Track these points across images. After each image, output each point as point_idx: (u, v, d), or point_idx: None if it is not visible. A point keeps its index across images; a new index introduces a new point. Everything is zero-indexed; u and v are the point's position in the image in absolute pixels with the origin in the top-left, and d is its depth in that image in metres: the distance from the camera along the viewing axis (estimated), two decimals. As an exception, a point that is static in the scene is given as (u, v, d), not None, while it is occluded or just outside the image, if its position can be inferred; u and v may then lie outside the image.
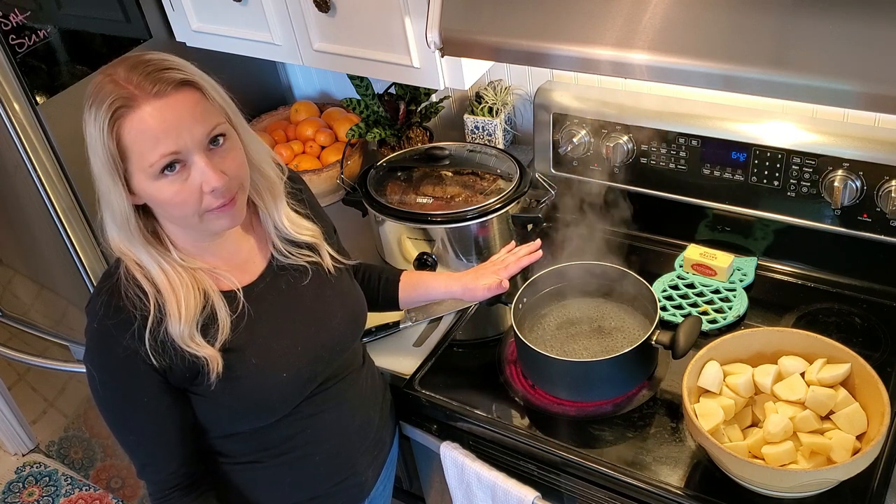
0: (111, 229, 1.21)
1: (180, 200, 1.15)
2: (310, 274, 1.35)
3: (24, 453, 3.06)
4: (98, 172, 1.16)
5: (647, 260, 1.77)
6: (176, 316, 1.19)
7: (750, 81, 1.16)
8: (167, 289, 1.20)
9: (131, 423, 1.26)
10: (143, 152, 1.12)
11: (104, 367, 1.22)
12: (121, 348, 1.19)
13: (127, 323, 1.19)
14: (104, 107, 1.10)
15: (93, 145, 1.14)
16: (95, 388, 1.25)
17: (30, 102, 1.75)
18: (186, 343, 1.20)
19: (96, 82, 1.13)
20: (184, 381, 1.24)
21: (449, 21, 1.38)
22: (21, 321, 2.37)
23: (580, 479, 1.45)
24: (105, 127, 1.11)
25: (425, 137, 2.10)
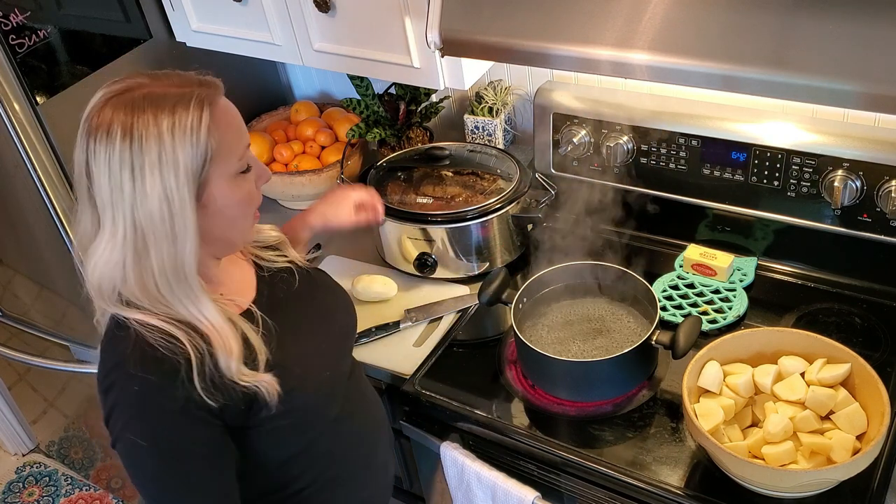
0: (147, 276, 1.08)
1: (252, 198, 1.15)
2: (296, 277, 1.33)
3: (24, 453, 3.06)
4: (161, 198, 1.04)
5: (647, 260, 1.77)
6: (224, 354, 1.11)
7: (750, 81, 1.16)
8: (211, 328, 1.12)
9: (187, 489, 1.13)
10: (231, 148, 1.09)
11: (158, 430, 1.10)
12: (173, 401, 1.08)
13: (173, 371, 1.08)
14: (192, 105, 1.04)
15: (169, 159, 1.03)
16: (142, 463, 1.12)
17: (30, 102, 1.75)
18: (241, 377, 1.13)
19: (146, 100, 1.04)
20: (239, 417, 1.16)
21: (449, 21, 1.38)
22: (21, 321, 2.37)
23: (580, 479, 1.45)
24: (202, 126, 1.04)
25: (425, 137, 2.10)
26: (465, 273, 1.82)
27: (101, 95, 1.08)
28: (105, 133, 1.04)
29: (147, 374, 1.08)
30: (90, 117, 1.06)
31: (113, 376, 1.11)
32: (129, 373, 1.09)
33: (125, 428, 1.11)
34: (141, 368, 1.08)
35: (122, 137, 1.03)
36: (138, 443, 1.10)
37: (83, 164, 1.07)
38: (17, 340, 2.45)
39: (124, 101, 1.05)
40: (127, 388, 1.10)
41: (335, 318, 1.37)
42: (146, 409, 1.10)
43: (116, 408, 1.11)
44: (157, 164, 1.03)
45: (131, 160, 1.03)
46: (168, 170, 1.04)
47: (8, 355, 2.36)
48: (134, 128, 1.03)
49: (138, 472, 1.14)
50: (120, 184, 1.04)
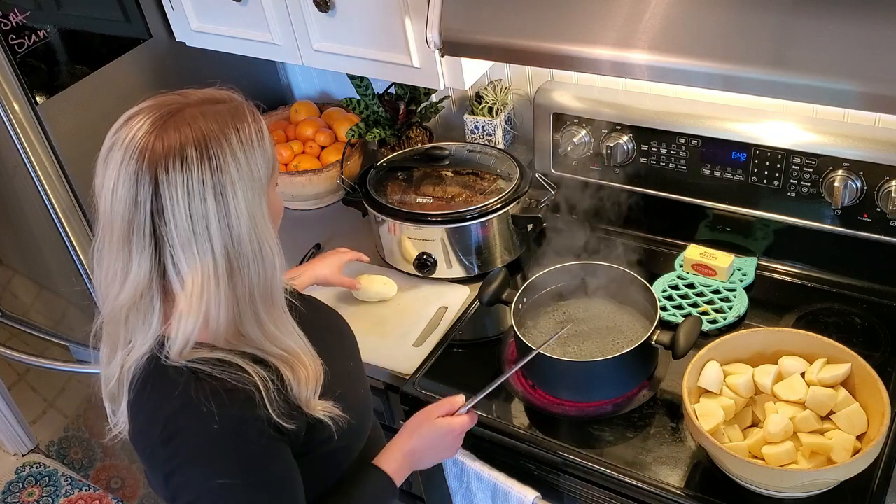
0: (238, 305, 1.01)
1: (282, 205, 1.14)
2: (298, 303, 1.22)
3: (23, 453, 3.06)
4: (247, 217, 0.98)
5: (647, 260, 1.77)
6: (293, 380, 1.07)
7: (750, 81, 1.16)
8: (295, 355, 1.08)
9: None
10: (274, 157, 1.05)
11: (249, 463, 1.02)
12: (258, 431, 1.02)
13: (250, 399, 1.02)
14: (249, 120, 0.99)
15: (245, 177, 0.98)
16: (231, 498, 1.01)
17: (30, 102, 1.75)
18: (313, 407, 1.09)
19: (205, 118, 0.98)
20: (301, 442, 1.11)
21: (449, 21, 1.38)
22: (21, 321, 2.37)
23: (580, 479, 1.45)
24: (263, 138, 1.00)
25: (425, 137, 2.10)
26: (465, 273, 1.82)
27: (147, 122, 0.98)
28: (178, 158, 0.95)
29: (226, 409, 1.00)
30: (149, 146, 0.96)
31: (180, 422, 1.01)
32: (202, 412, 0.99)
33: (210, 474, 1.01)
34: (217, 404, 0.99)
35: (199, 159, 0.95)
36: (228, 485, 1.00)
37: (146, 202, 0.96)
38: (17, 340, 2.45)
39: (184, 121, 0.97)
40: (205, 428, 0.99)
41: (348, 338, 1.36)
42: (235, 445, 1.02)
43: (193, 456, 1.01)
44: (237, 180, 0.97)
45: (213, 182, 0.96)
46: (247, 185, 0.98)
47: (8, 355, 2.36)
48: (208, 146, 0.96)
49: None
50: (203, 211, 0.96)
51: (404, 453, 1.28)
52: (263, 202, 1.01)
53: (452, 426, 1.30)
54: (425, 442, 1.30)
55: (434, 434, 1.30)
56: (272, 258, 1.02)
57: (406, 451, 1.28)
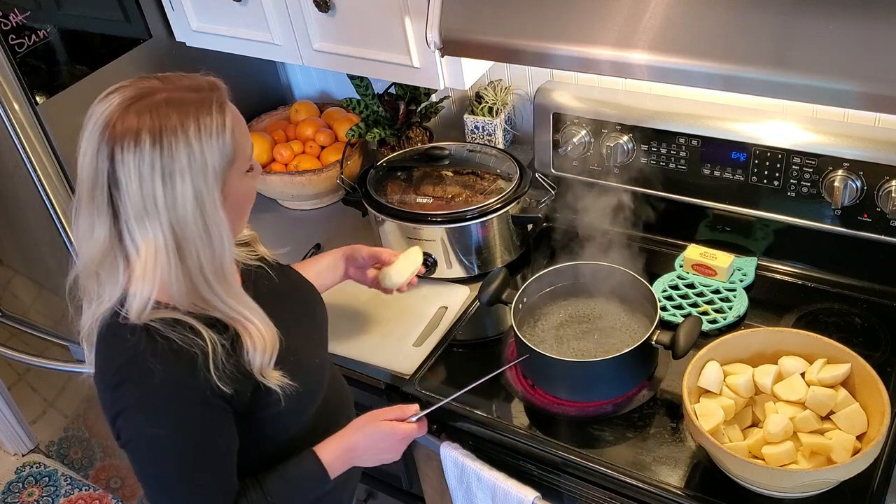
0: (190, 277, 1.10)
1: (254, 193, 1.19)
2: (273, 273, 1.36)
3: (23, 453, 3.06)
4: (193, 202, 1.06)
5: (647, 260, 1.77)
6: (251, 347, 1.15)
7: (750, 81, 1.16)
8: (249, 323, 1.16)
9: (202, 477, 1.16)
10: (244, 146, 1.13)
11: (183, 420, 1.12)
12: (196, 391, 1.11)
13: (192, 361, 1.11)
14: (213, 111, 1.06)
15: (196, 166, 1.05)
16: (162, 458, 1.13)
17: (30, 102, 1.75)
18: (267, 375, 1.17)
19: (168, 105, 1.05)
20: (246, 404, 1.19)
21: (449, 21, 1.38)
22: (21, 321, 2.37)
23: (580, 480, 1.45)
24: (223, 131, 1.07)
25: (425, 137, 2.10)
26: (465, 273, 1.82)
27: (117, 102, 1.06)
28: (132, 141, 1.03)
29: (168, 367, 1.09)
30: (111, 123, 1.05)
31: (127, 371, 1.11)
32: (146, 367, 1.09)
33: (145, 423, 1.11)
34: (161, 361, 1.09)
35: (151, 144, 1.03)
36: (158, 435, 1.11)
37: (104, 172, 1.06)
38: (17, 340, 2.45)
39: (147, 107, 1.04)
40: (146, 382, 1.09)
41: (315, 309, 1.42)
42: (169, 401, 1.11)
43: (133, 404, 1.11)
44: (187, 168, 1.05)
45: (161, 166, 1.04)
46: (198, 174, 1.05)
47: (8, 355, 2.36)
48: (163, 134, 1.03)
49: (154, 467, 1.14)
50: (153, 191, 1.04)
51: (345, 448, 1.32)
52: (215, 190, 1.08)
53: (395, 430, 1.35)
54: (367, 441, 1.34)
55: (376, 435, 1.34)
56: (220, 241, 1.10)
57: (347, 445, 1.33)
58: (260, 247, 1.40)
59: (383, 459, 1.36)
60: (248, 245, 1.38)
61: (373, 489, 2.03)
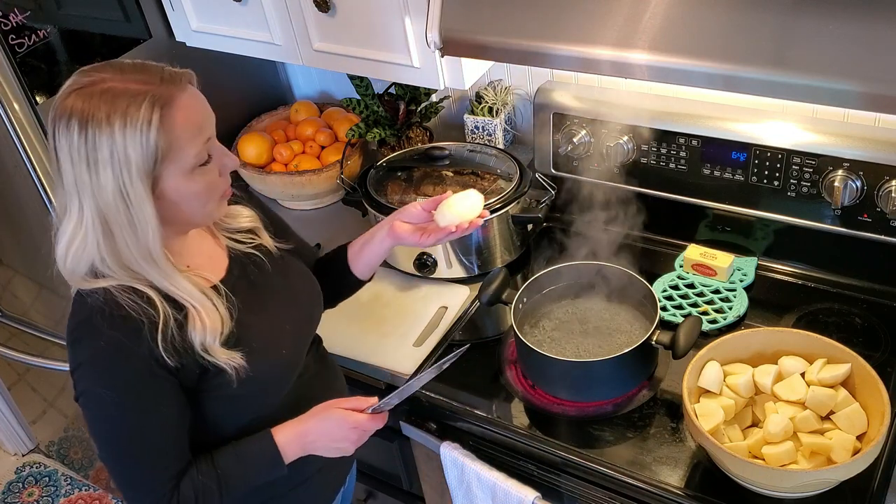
0: (121, 256, 1.15)
1: (213, 187, 1.19)
2: (268, 261, 1.38)
3: (23, 453, 3.06)
4: (118, 187, 1.09)
5: (647, 260, 1.77)
6: (199, 326, 1.18)
7: (750, 81, 1.16)
8: (190, 302, 1.19)
9: (143, 441, 1.21)
10: (185, 145, 1.12)
11: (121, 383, 1.17)
12: (137, 356, 1.16)
13: (136, 329, 1.15)
14: (143, 108, 1.07)
15: (119, 157, 1.08)
16: (104, 415, 1.19)
17: (30, 102, 1.75)
18: (210, 351, 1.20)
19: (101, 95, 1.08)
20: (194, 380, 1.23)
21: (449, 21, 1.38)
22: (21, 321, 2.37)
23: (580, 480, 1.45)
24: (152, 128, 1.08)
25: (425, 137, 2.10)
26: (465, 273, 1.82)
27: (69, 83, 1.11)
28: (65, 124, 1.08)
29: (114, 331, 1.15)
30: (56, 104, 1.10)
31: (81, 330, 1.18)
32: (97, 328, 1.15)
33: (92, 380, 1.18)
34: (108, 325, 1.15)
35: (78, 131, 1.07)
36: (104, 395, 1.17)
37: (51, 147, 1.12)
38: (17, 340, 2.44)
39: (85, 94, 1.08)
40: (95, 342, 1.16)
41: (302, 302, 1.42)
42: (112, 364, 1.17)
43: (84, 361, 1.18)
44: (108, 160, 1.08)
45: (87, 154, 1.08)
46: (119, 166, 1.08)
47: (8, 355, 2.36)
48: (89, 123, 1.07)
49: (99, 424, 1.21)
50: (80, 173, 1.10)
51: (298, 432, 1.33)
52: (140, 185, 1.10)
53: (347, 418, 1.33)
54: (320, 426, 1.33)
55: (329, 421, 1.33)
56: (145, 232, 1.13)
57: (301, 430, 1.33)
58: (263, 235, 1.40)
59: (338, 449, 1.35)
60: (250, 232, 1.39)
61: (373, 489, 2.03)
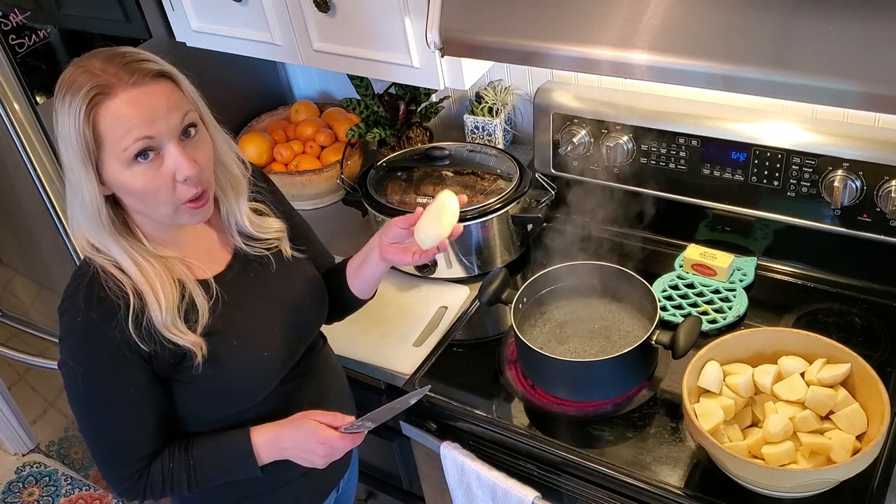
0: (80, 221, 1.22)
1: (153, 188, 1.18)
2: (275, 264, 1.38)
3: (24, 453, 3.06)
4: (69, 162, 1.17)
5: (647, 260, 1.77)
6: (155, 305, 1.21)
7: (750, 81, 1.16)
8: (141, 279, 1.22)
9: (110, 418, 1.27)
10: (117, 138, 1.14)
11: (91, 361, 1.23)
12: (108, 338, 1.20)
13: (111, 312, 1.20)
14: (81, 94, 1.13)
15: (65, 134, 1.15)
16: (76, 386, 1.25)
17: (30, 102, 1.75)
18: (169, 331, 1.22)
19: (69, 73, 1.16)
20: (168, 369, 1.26)
21: (449, 21, 1.38)
22: (21, 321, 2.37)
23: (580, 480, 1.45)
24: (81, 114, 1.13)
25: (425, 137, 2.10)
26: (465, 273, 1.82)
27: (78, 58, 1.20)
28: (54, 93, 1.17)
29: (89, 311, 1.20)
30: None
31: (67, 304, 1.24)
32: (77, 305, 1.21)
33: (68, 353, 1.24)
34: (85, 303, 1.20)
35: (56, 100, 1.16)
36: (76, 368, 1.23)
37: None
38: (17, 340, 2.44)
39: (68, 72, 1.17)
40: (73, 318, 1.22)
41: (302, 306, 1.42)
42: (85, 341, 1.22)
43: (65, 334, 1.24)
44: (61, 136, 1.17)
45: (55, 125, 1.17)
46: (66, 144, 1.16)
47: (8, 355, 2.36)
48: (57, 97, 1.16)
49: (72, 393, 1.27)
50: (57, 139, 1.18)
51: (274, 435, 1.34)
52: (79, 163, 1.16)
53: (318, 432, 1.32)
54: (293, 434, 1.34)
55: (301, 431, 1.33)
56: (91, 208, 1.20)
57: (277, 434, 1.34)
58: (283, 243, 1.41)
59: (307, 460, 1.35)
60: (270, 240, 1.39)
61: (373, 489, 2.03)
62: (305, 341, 1.44)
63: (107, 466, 1.32)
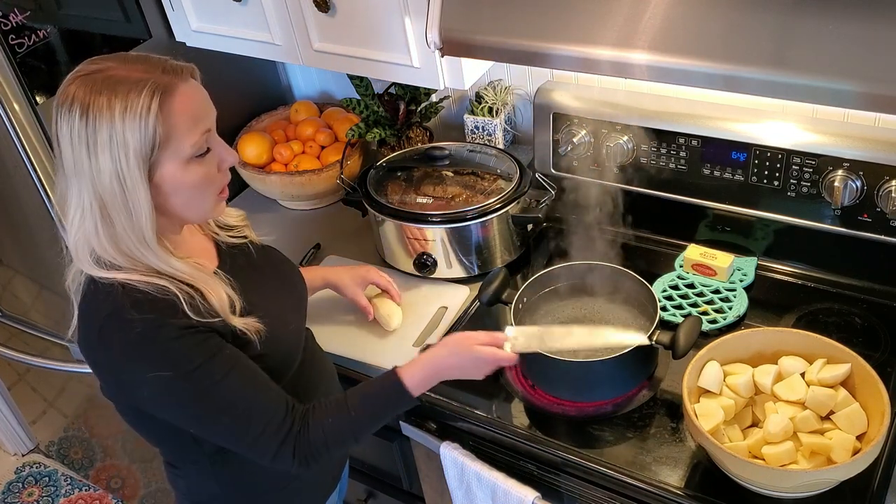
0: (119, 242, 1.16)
1: (208, 181, 1.20)
2: (253, 251, 1.43)
3: (23, 453, 3.06)
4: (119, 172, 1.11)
5: (647, 260, 1.77)
6: (214, 299, 1.21)
7: (750, 81, 1.16)
8: (195, 281, 1.21)
9: (233, 390, 1.21)
10: (184, 133, 1.14)
11: (170, 358, 1.17)
12: (178, 327, 1.16)
13: (172, 306, 1.17)
14: (143, 94, 1.10)
15: (120, 142, 1.10)
16: (176, 393, 1.19)
17: (30, 102, 1.75)
18: (232, 322, 1.23)
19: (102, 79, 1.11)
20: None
21: (449, 21, 1.38)
22: (21, 321, 2.37)
23: (580, 480, 1.45)
24: (151, 114, 1.10)
25: (425, 137, 2.10)
26: (465, 273, 1.82)
27: (75, 71, 1.15)
28: (67, 108, 1.11)
29: (145, 314, 1.15)
30: (59, 91, 1.13)
31: (108, 328, 1.17)
32: (125, 319, 1.15)
33: (144, 368, 1.16)
34: (137, 312, 1.15)
35: (79, 115, 1.10)
36: (161, 376, 1.16)
37: (54, 133, 1.14)
38: (17, 340, 2.45)
39: (88, 81, 1.11)
40: (128, 333, 1.15)
41: (293, 283, 1.48)
42: (155, 343, 1.16)
43: (119, 355, 1.17)
44: (107, 144, 1.10)
45: (87, 137, 1.10)
46: (118, 150, 1.10)
47: (8, 355, 2.36)
48: (90, 108, 1.09)
49: (177, 409, 1.21)
50: (80, 157, 1.12)
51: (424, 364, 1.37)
52: (136, 170, 1.12)
53: (487, 356, 1.37)
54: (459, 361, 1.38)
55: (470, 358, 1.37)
56: (139, 216, 1.15)
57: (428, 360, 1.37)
58: (249, 231, 1.46)
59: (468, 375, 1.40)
60: (235, 228, 1.43)
61: (373, 489, 2.03)
62: (305, 317, 1.49)
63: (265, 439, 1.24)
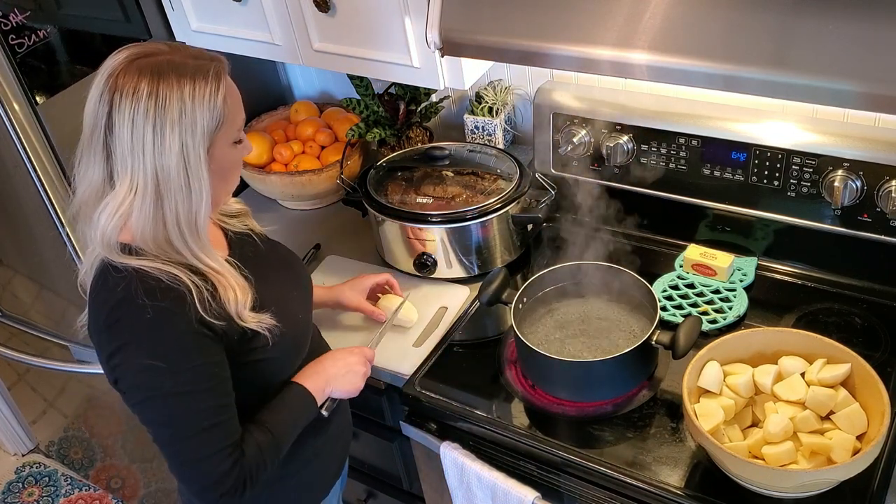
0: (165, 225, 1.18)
1: (239, 165, 1.29)
2: (259, 241, 1.45)
3: (23, 453, 3.06)
4: (178, 154, 1.15)
5: (647, 260, 1.77)
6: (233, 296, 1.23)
7: (750, 81, 1.16)
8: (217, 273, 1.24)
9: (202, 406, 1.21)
10: (236, 116, 1.22)
11: (172, 350, 1.19)
12: (185, 321, 1.18)
13: (181, 298, 1.19)
14: (210, 76, 1.16)
15: (188, 125, 1.14)
16: (159, 385, 1.19)
17: (30, 102, 1.75)
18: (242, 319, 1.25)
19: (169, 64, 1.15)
20: (234, 346, 1.26)
21: (449, 21, 1.38)
22: (21, 321, 2.37)
23: (580, 480, 1.45)
24: (219, 95, 1.16)
25: (425, 137, 2.10)
26: (465, 273, 1.82)
27: (124, 56, 1.17)
28: (132, 89, 1.13)
29: (158, 302, 1.17)
30: (115, 75, 1.15)
31: (120, 311, 1.19)
32: (138, 304, 1.17)
33: (141, 355, 1.18)
34: (150, 297, 1.17)
35: (147, 96, 1.13)
36: (156, 366, 1.18)
37: (103, 116, 1.15)
38: (17, 340, 2.45)
39: (150, 64, 1.15)
40: (139, 318, 1.17)
41: (299, 274, 1.50)
42: (162, 332, 1.18)
43: (129, 340, 1.19)
44: (177, 122, 1.14)
45: (154, 117, 1.13)
46: (187, 129, 1.15)
47: (8, 355, 2.36)
48: (159, 87, 1.13)
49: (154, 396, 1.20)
50: (142, 137, 1.14)
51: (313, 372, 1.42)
52: (201, 148, 1.17)
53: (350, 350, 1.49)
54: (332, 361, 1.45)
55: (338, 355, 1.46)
56: (199, 197, 1.18)
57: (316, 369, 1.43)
58: (250, 220, 1.48)
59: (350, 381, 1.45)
60: (238, 217, 1.46)
61: (373, 489, 2.03)
62: (311, 306, 1.51)
63: (205, 465, 1.22)
